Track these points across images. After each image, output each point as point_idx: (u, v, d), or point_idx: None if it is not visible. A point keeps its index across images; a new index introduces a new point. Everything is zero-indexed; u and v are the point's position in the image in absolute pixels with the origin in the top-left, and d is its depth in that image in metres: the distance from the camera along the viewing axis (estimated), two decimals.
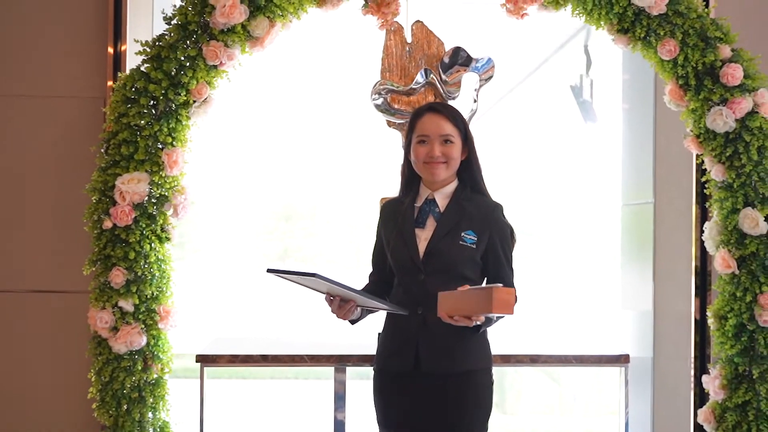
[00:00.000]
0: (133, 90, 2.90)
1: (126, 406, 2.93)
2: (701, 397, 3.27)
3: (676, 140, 3.27)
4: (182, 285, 3.11)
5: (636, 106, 3.80)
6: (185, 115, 2.94)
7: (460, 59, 3.27)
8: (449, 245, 2.50)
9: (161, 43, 2.90)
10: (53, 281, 3.32)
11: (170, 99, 2.90)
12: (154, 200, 2.94)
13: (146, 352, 2.95)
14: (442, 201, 2.57)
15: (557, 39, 5.01)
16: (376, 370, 2.61)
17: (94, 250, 2.93)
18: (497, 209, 2.58)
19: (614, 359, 3.23)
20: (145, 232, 2.92)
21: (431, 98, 3.26)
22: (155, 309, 2.95)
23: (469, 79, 3.27)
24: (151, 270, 2.94)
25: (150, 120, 2.91)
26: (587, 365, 3.25)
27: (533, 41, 4.97)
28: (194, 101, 2.95)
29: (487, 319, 2.41)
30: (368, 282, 2.69)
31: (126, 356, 2.92)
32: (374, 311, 2.57)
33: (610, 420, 3.36)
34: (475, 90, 3.28)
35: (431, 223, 2.54)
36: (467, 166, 2.60)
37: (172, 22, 2.92)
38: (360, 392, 3.32)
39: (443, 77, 3.27)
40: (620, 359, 3.23)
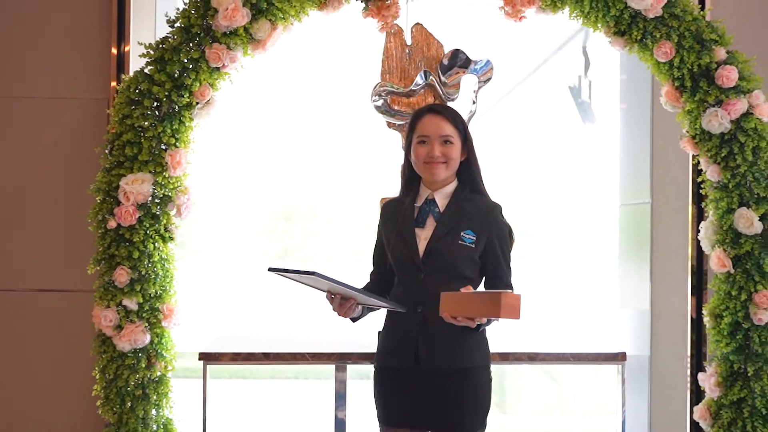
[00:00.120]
0: (137, 92, 2.91)
1: (130, 404, 2.94)
2: (697, 395, 3.27)
3: (673, 141, 3.27)
4: (183, 285, 3.11)
5: (633, 107, 3.79)
6: (188, 117, 2.95)
7: (459, 61, 3.29)
8: (449, 245, 2.52)
9: (164, 46, 2.91)
10: (57, 280, 3.33)
11: (173, 101, 2.91)
12: (158, 200, 2.94)
13: (150, 350, 2.95)
14: (442, 201, 2.59)
15: (556, 40, 4.99)
16: (377, 368, 2.63)
17: (99, 250, 2.94)
18: (496, 209, 2.60)
19: (611, 357, 3.25)
20: (149, 232, 2.93)
21: (431, 100, 3.27)
22: (159, 307, 2.96)
23: (468, 81, 3.29)
24: (155, 269, 2.95)
25: (154, 121, 2.91)
26: (585, 363, 3.26)
27: (532, 43, 4.97)
28: (197, 103, 2.95)
29: (488, 319, 2.44)
30: (369, 281, 2.71)
31: (130, 354, 2.93)
32: (375, 309, 2.59)
33: (610, 419, 3.39)
34: (474, 91, 3.29)
35: (431, 223, 2.56)
36: (467, 167, 2.62)
37: (176, 25, 2.93)
38: (360, 391, 3.33)
39: (442, 79, 3.28)
40: (617, 357, 3.25)
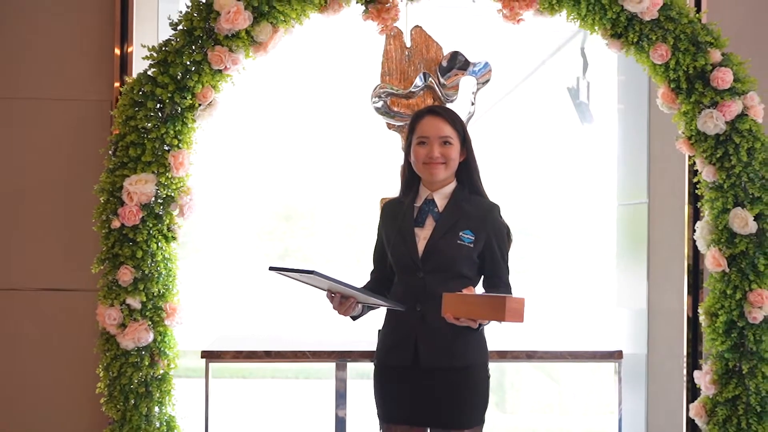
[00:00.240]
0: (141, 94, 2.93)
1: (133, 401, 2.96)
2: (693, 393, 3.28)
3: (670, 141, 3.28)
4: (185, 284, 3.13)
5: (631, 108, 3.81)
6: (191, 118, 2.97)
7: (458, 63, 3.31)
8: (447, 244, 2.54)
9: (167, 48, 2.93)
10: (61, 280, 3.34)
11: (176, 102, 2.93)
12: (161, 201, 2.96)
13: (153, 348, 2.98)
14: (441, 201, 2.60)
15: (554, 42, 5.02)
16: (377, 366, 2.65)
17: (103, 249, 2.96)
18: (494, 209, 2.62)
19: (608, 355, 3.28)
20: (152, 232, 2.95)
21: (430, 101, 3.30)
22: (162, 306, 2.98)
23: (467, 83, 3.31)
24: (158, 268, 2.97)
25: (157, 123, 2.93)
26: (581, 361, 3.29)
27: (530, 44, 5.00)
28: (200, 104, 2.97)
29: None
30: (369, 279, 2.73)
31: (133, 352, 2.95)
32: (375, 308, 2.61)
33: (608, 418, 3.41)
34: (473, 93, 3.32)
35: (430, 223, 2.58)
36: (465, 168, 2.64)
37: (178, 28, 2.95)
38: (360, 390, 3.37)
39: (442, 81, 3.31)
40: (614, 355, 3.27)
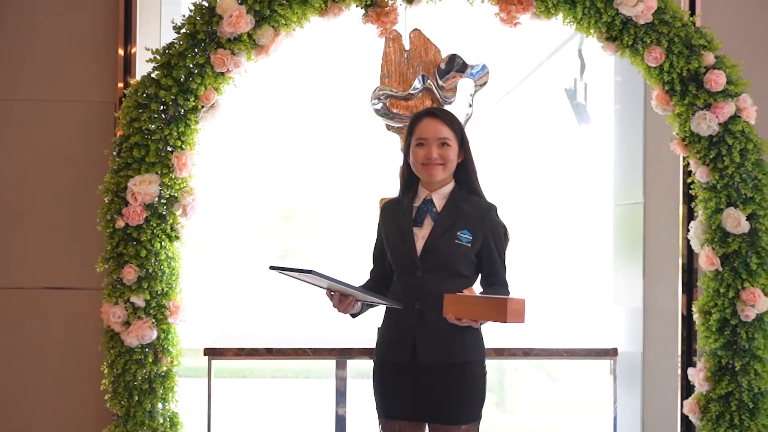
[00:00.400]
0: (145, 96, 2.97)
1: (137, 397, 3.00)
2: (688, 389, 3.31)
3: (665, 142, 3.31)
4: (186, 284, 3.17)
5: (627, 108, 3.83)
6: (194, 120, 3.02)
7: (456, 66, 3.35)
8: (446, 243, 2.58)
9: (171, 51, 2.96)
10: (66, 278, 3.38)
11: (180, 104, 2.97)
12: (164, 201, 3.00)
13: (156, 346, 3.02)
14: (440, 201, 2.64)
15: (552, 44, 5.05)
16: (376, 362, 2.69)
17: (107, 249, 3.00)
18: (491, 210, 2.66)
19: (603, 352, 3.32)
20: (156, 231, 2.99)
21: (428, 103, 3.34)
22: (165, 304, 3.02)
23: (465, 85, 3.36)
24: (162, 267, 3.01)
25: (160, 124, 2.97)
26: (577, 358, 3.34)
27: (528, 46, 5.02)
28: (202, 106, 3.01)
29: None
30: (369, 278, 2.77)
31: (137, 349, 2.99)
32: (374, 306, 2.65)
33: (607, 417, 3.45)
34: (471, 95, 3.35)
35: (429, 223, 2.62)
36: (463, 168, 2.68)
37: (181, 31, 2.99)
38: (360, 388, 3.42)
39: (440, 83, 3.35)
40: (609, 352, 3.31)
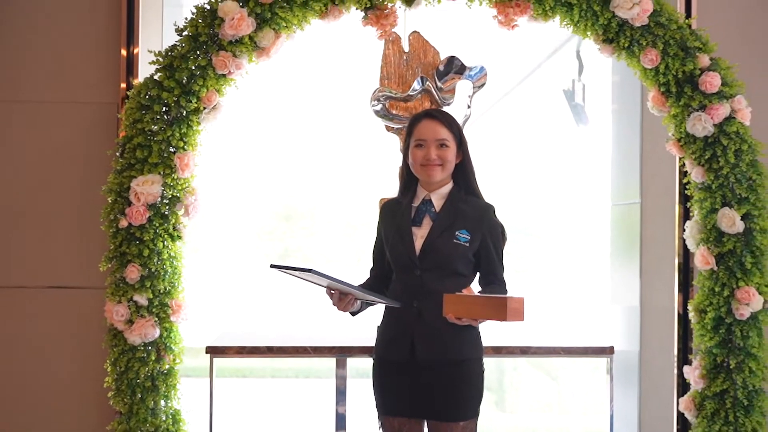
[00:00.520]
0: (147, 97, 3.01)
1: (140, 395, 3.04)
2: (684, 387, 3.33)
3: (661, 143, 3.34)
4: (187, 283, 3.21)
5: (624, 108, 3.85)
6: (196, 121, 3.05)
7: (455, 68, 3.38)
8: (444, 243, 2.61)
9: (173, 54, 3.01)
10: (70, 278, 3.41)
11: (182, 106, 3.01)
12: (167, 201, 3.04)
13: (159, 344, 3.05)
14: (438, 201, 2.67)
15: (550, 45, 5.07)
16: (375, 360, 2.73)
17: (111, 248, 3.04)
18: (489, 210, 2.69)
19: (600, 350, 3.35)
20: (159, 231, 3.03)
21: (427, 104, 3.36)
22: (168, 303, 3.06)
23: (463, 87, 3.38)
24: (164, 266, 3.05)
25: (163, 125, 3.01)
26: (574, 356, 3.36)
27: (527, 47, 5.04)
28: (204, 108, 3.05)
29: None
30: (369, 276, 2.80)
31: (140, 347, 3.03)
32: (373, 304, 2.69)
33: (606, 416, 3.48)
34: (469, 96, 3.38)
35: (427, 222, 2.65)
36: (461, 169, 2.71)
37: (184, 34, 3.03)
38: (359, 387, 3.45)
39: (439, 85, 3.38)
40: (605, 350, 3.34)
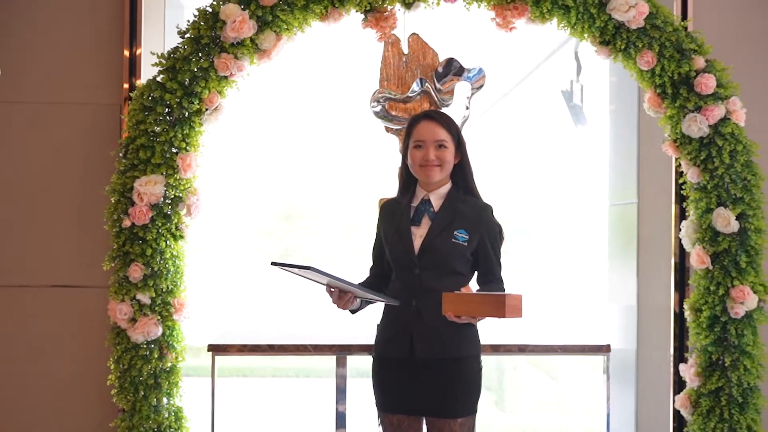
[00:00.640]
0: (150, 99, 3.05)
1: (143, 392, 3.07)
2: (680, 385, 3.36)
3: (658, 144, 3.37)
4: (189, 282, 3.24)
5: (622, 108, 3.89)
6: (198, 122, 3.09)
7: (454, 69, 3.41)
8: (442, 242, 2.64)
9: (176, 56, 3.04)
10: (74, 277, 3.45)
11: (184, 107, 3.05)
12: (169, 201, 3.08)
13: (162, 342, 3.09)
14: (437, 201, 2.71)
15: (549, 46, 5.09)
16: (375, 358, 2.76)
17: (114, 247, 3.07)
18: (487, 210, 2.73)
19: (596, 348, 3.38)
20: (161, 231, 3.06)
21: (426, 106, 3.40)
22: (170, 301, 3.09)
23: (462, 88, 3.42)
24: (167, 265, 3.08)
25: (165, 126, 3.05)
26: (571, 354, 3.40)
27: (525, 48, 5.07)
28: (206, 109, 3.09)
29: None
30: (369, 275, 2.84)
31: (143, 345, 3.06)
32: (373, 302, 2.72)
33: (604, 414, 3.52)
34: (468, 98, 3.41)
35: (426, 222, 2.68)
36: (460, 170, 2.74)
37: (186, 36, 3.06)
38: (359, 387, 3.49)
39: (437, 86, 3.41)
40: (602, 349, 3.38)
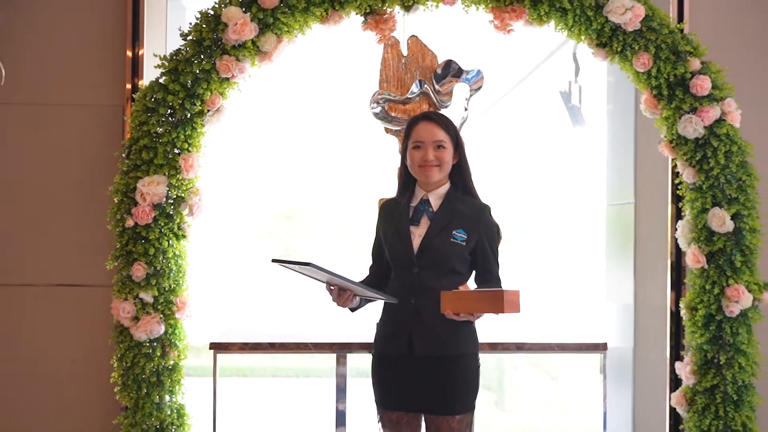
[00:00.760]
0: (153, 100, 3.08)
1: (146, 389, 3.10)
2: (676, 383, 3.40)
3: (655, 144, 3.40)
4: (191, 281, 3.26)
5: (619, 109, 3.92)
6: (200, 123, 3.12)
7: (452, 71, 3.45)
8: (441, 242, 2.68)
9: (178, 58, 3.08)
10: (77, 276, 3.48)
11: (186, 108, 3.08)
12: (172, 201, 3.11)
13: (164, 340, 3.12)
14: (436, 201, 2.74)
15: (547, 47, 5.13)
16: (374, 355, 2.79)
17: (117, 247, 3.10)
18: (485, 210, 2.76)
19: (593, 347, 3.43)
20: (164, 230, 3.10)
21: (425, 107, 3.44)
22: (173, 300, 3.13)
23: (460, 89, 3.45)
24: (169, 265, 3.12)
25: (168, 128, 3.08)
26: (568, 352, 3.44)
27: (524, 50, 5.09)
28: (208, 110, 3.13)
29: None
30: (368, 274, 2.87)
31: (146, 343, 3.10)
32: (372, 300, 2.75)
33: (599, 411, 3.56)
34: (466, 99, 3.45)
35: (425, 222, 2.72)
36: (458, 170, 2.78)
37: (188, 38, 3.10)
38: (358, 386, 3.53)
39: (436, 87, 3.45)
40: (599, 347, 3.42)
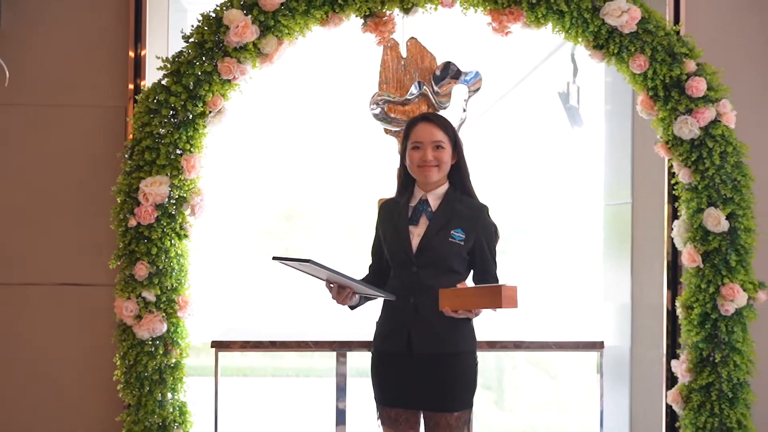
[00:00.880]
0: (155, 102, 3.12)
1: (148, 387, 3.14)
2: (672, 381, 3.41)
3: (652, 145, 3.42)
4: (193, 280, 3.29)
5: (616, 110, 3.94)
6: (202, 124, 3.16)
7: (451, 72, 3.47)
8: (440, 241, 2.71)
9: (180, 60, 3.11)
10: (80, 275, 3.51)
11: (188, 110, 3.12)
12: (174, 201, 3.15)
13: (166, 338, 3.16)
14: (435, 201, 2.78)
15: (545, 48, 5.15)
16: (374, 353, 2.83)
17: (120, 246, 3.14)
18: (484, 210, 2.80)
19: (590, 345, 3.46)
20: (166, 230, 3.13)
21: (424, 108, 3.46)
22: (175, 299, 3.16)
23: (459, 91, 3.48)
24: (171, 264, 3.15)
25: (170, 129, 3.12)
26: (565, 350, 3.46)
27: (523, 51, 5.12)
28: (210, 112, 3.16)
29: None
30: (368, 272, 2.91)
31: (148, 342, 3.13)
32: (371, 298, 2.79)
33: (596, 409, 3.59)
34: (464, 100, 3.48)
35: (424, 221, 2.76)
36: (457, 170, 2.81)
37: (190, 40, 3.13)
38: (358, 385, 3.56)
39: (435, 89, 3.47)
40: (596, 345, 3.45)
